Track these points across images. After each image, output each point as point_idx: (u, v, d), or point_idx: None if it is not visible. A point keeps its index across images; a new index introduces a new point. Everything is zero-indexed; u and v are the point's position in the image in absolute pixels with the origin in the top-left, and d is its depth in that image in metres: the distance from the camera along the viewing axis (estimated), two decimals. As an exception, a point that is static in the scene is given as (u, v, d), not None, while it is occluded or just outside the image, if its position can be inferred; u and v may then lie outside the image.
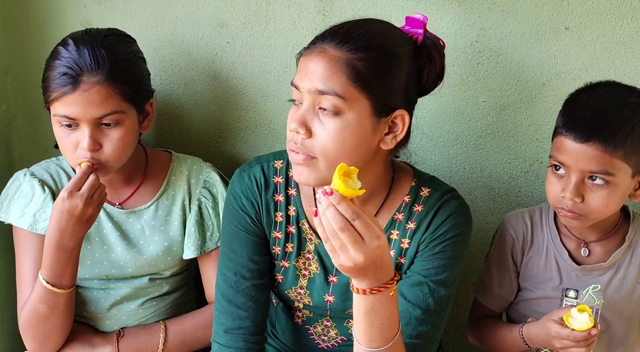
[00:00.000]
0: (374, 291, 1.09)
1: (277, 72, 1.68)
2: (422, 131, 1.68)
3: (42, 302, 1.41)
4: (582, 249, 1.43)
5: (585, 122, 1.30)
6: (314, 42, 1.24)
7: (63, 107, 1.34)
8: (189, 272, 1.65)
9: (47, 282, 1.39)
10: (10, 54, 1.73)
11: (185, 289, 1.65)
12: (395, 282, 1.11)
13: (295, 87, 1.23)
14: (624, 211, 1.46)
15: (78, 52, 1.35)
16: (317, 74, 1.19)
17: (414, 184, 1.36)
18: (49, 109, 1.39)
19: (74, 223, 1.33)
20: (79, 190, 1.32)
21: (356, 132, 1.20)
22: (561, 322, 1.32)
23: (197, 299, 1.71)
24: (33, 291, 1.42)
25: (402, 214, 1.34)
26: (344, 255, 1.05)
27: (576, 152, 1.30)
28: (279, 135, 1.74)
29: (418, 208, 1.34)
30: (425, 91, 1.34)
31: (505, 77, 1.61)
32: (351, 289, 1.12)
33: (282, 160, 1.39)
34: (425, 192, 1.35)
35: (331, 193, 1.04)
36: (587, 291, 1.42)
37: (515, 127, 1.65)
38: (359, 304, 1.12)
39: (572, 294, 1.43)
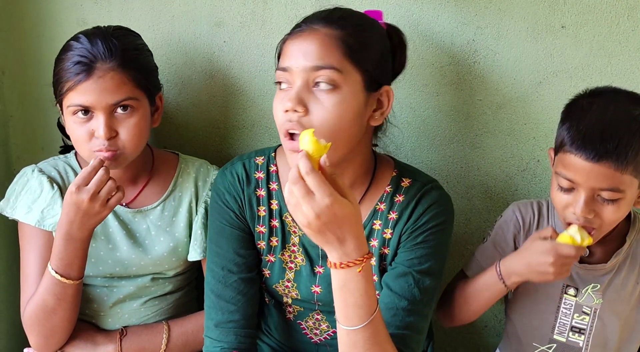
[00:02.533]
0: (342, 266, 1.11)
1: (273, 71, 1.67)
2: (419, 130, 1.68)
3: (50, 294, 1.41)
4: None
5: (596, 141, 1.27)
6: (298, 26, 1.28)
7: (78, 96, 1.35)
8: (191, 273, 1.65)
9: (56, 272, 1.39)
10: (7, 54, 1.73)
11: (187, 289, 1.65)
12: (365, 260, 1.11)
13: (284, 69, 1.24)
14: None
15: (90, 42, 1.37)
16: (313, 51, 1.22)
17: (394, 174, 1.38)
18: (60, 105, 1.40)
19: (82, 216, 1.33)
20: (87, 185, 1.32)
21: (352, 106, 1.23)
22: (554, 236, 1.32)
23: (197, 299, 1.70)
24: (41, 284, 1.42)
25: (384, 204, 1.36)
26: (299, 212, 1.07)
27: (587, 171, 1.28)
28: (276, 134, 1.71)
29: (399, 198, 1.35)
30: (393, 75, 1.39)
31: (501, 76, 1.62)
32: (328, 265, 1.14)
33: (263, 156, 1.42)
34: (406, 182, 1.37)
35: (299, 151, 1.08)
36: (587, 289, 1.42)
37: (512, 125, 1.65)
38: (334, 279, 1.14)
39: (571, 291, 1.43)
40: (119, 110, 1.38)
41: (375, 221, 1.36)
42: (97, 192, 1.32)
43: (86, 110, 1.36)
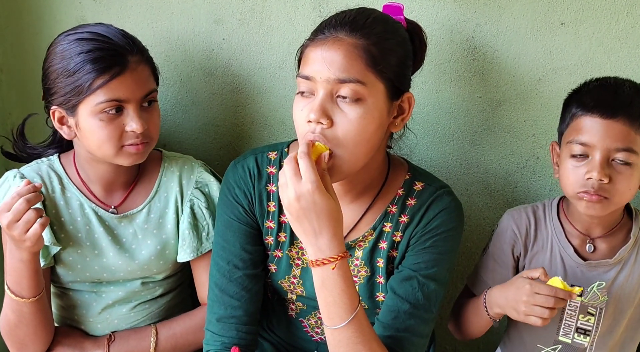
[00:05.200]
0: (318, 263, 1.16)
1: (273, 69, 1.68)
2: (418, 127, 1.68)
3: (9, 309, 1.41)
4: (587, 245, 1.43)
5: (610, 98, 1.32)
6: (322, 32, 1.24)
7: (111, 91, 1.32)
8: (183, 273, 1.62)
9: (9, 289, 1.38)
10: (5, 51, 1.73)
11: (179, 290, 1.63)
12: (340, 259, 1.15)
13: (307, 78, 1.22)
14: (626, 209, 1.46)
15: (107, 37, 1.35)
16: (337, 63, 1.19)
17: (408, 177, 1.37)
18: (74, 107, 1.34)
19: (11, 239, 1.32)
20: (9, 211, 1.28)
21: (375, 117, 1.22)
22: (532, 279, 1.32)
23: (191, 297, 1.68)
24: (4, 298, 1.41)
25: (396, 206, 1.35)
26: (284, 192, 1.15)
27: (602, 129, 1.30)
28: (275, 131, 1.73)
29: (411, 202, 1.35)
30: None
31: (501, 73, 1.61)
32: (309, 265, 1.18)
33: (276, 152, 1.40)
34: (418, 186, 1.36)
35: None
36: (592, 288, 1.42)
37: (511, 122, 1.65)
38: (314, 278, 1.19)
39: (576, 290, 1.43)
40: (145, 104, 1.38)
41: (385, 223, 1.36)
42: (16, 221, 1.28)
43: (118, 107, 1.34)
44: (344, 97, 1.19)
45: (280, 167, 1.39)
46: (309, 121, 1.20)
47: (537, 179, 1.69)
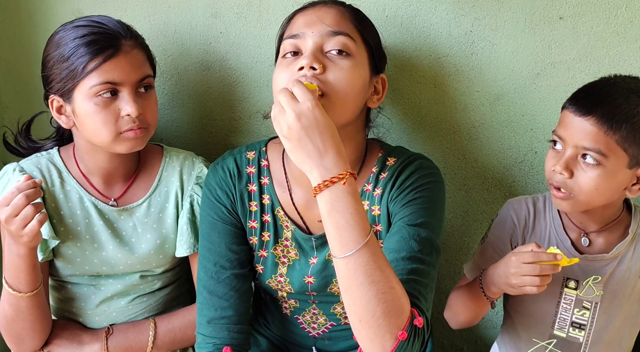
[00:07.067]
0: (326, 183, 1.08)
1: (270, 63, 1.67)
2: (416, 121, 1.67)
3: (7, 303, 1.41)
4: (582, 239, 1.43)
5: (589, 97, 1.32)
6: (307, 4, 1.35)
7: (105, 73, 1.33)
8: (181, 267, 1.62)
9: (7, 283, 1.38)
10: (2, 44, 1.72)
11: (177, 283, 1.63)
12: (349, 175, 1.09)
13: (295, 36, 1.28)
14: (626, 204, 1.46)
15: (102, 22, 1.37)
16: (330, 18, 1.28)
17: (380, 155, 1.40)
18: (70, 92, 1.35)
19: (9, 234, 1.32)
20: (7, 205, 1.27)
21: (362, 75, 1.28)
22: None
23: (189, 291, 1.69)
24: (2, 292, 1.41)
25: (371, 184, 1.37)
26: (281, 119, 1.10)
27: (574, 125, 1.31)
28: (272, 125, 1.72)
29: (383, 175, 1.37)
30: None
31: (499, 67, 1.61)
32: (313, 195, 1.11)
33: (254, 151, 1.42)
34: (391, 161, 1.39)
35: None
36: (587, 281, 1.42)
37: (509, 117, 1.65)
38: (321, 207, 1.10)
39: (572, 284, 1.43)
40: (141, 89, 1.38)
41: (363, 202, 1.35)
42: (14, 216, 1.27)
43: (113, 90, 1.34)
44: (335, 51, 1.25)
45: (259, 166, 1.41)
46: (300, 68, 1.23)
47: (535, 173, 1.69)
